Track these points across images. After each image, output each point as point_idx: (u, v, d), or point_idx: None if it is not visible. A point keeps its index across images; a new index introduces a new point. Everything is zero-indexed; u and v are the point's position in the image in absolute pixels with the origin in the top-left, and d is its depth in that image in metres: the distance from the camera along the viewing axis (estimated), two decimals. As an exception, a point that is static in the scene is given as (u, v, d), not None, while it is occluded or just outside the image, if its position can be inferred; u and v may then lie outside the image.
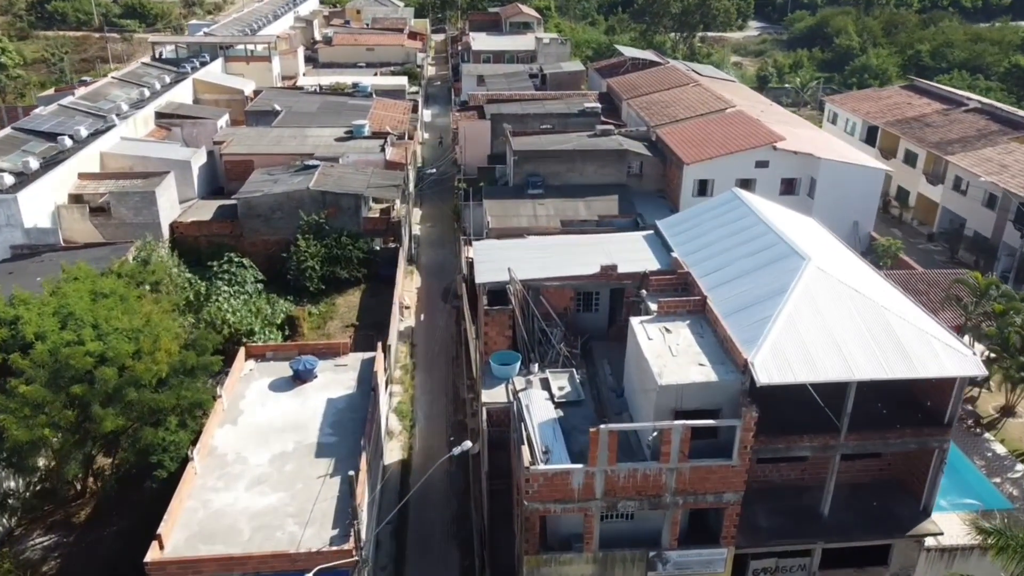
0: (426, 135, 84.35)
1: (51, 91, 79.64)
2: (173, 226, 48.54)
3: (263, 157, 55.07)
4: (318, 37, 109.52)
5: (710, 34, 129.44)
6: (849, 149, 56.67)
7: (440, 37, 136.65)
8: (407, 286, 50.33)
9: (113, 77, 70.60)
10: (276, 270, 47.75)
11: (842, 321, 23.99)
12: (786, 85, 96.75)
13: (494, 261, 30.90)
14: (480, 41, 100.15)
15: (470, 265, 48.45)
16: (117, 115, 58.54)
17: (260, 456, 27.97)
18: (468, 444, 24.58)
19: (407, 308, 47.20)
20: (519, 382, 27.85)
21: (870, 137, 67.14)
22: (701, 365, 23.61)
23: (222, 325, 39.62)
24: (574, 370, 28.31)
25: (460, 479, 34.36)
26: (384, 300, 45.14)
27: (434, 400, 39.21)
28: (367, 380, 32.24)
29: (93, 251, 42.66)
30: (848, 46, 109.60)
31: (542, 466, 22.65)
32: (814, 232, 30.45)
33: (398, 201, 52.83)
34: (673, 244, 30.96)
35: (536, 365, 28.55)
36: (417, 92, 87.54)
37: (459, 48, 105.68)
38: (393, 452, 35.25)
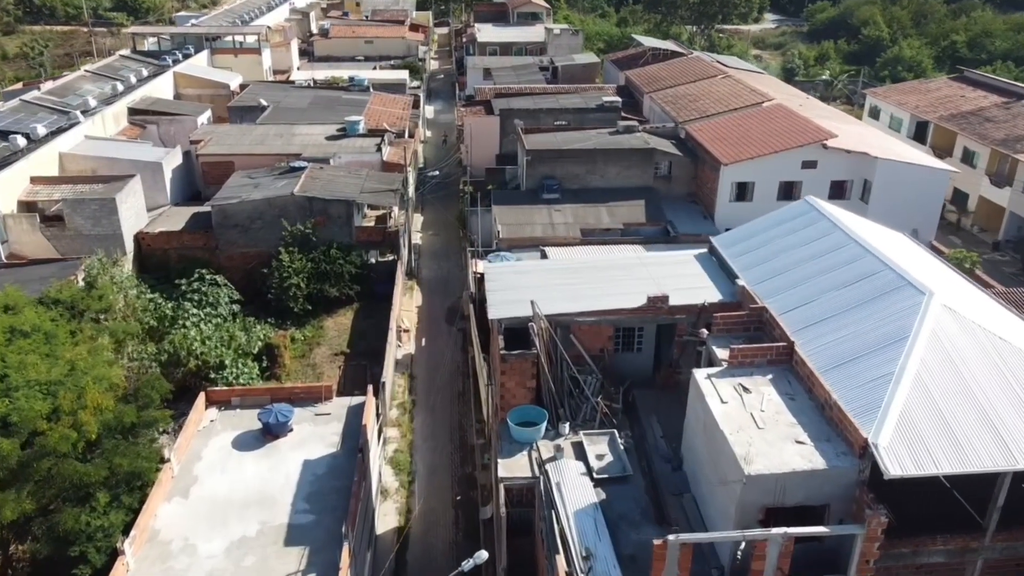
0: (428, 133, 78.32)
1: (18, 85, 73.44)
2: (138, 238, 42.41)
3: (245, 158, 48.92)
4: (314, 30, 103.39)
5: (725, 27, 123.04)
6: (906, 148, 50.31)
7: (444, 30, 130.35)
8: (406, 305, 44.18)
9: (86, 71, 64.55)
10: (256, 288, 41.64)
11: (988, 380, 17.76)
12: (821, 77, 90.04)
13: (511, 289, 24.71)
14: (486, 32, 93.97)
15: (479, 280, 42.36)
16: (83, 112, 52.44)
17: (214, 543, 21.82)
18: (483, 555, 18.38)
19: (406, 332, 41.06)
20: (546, 448, 21.66)
21: (919, 133, 60.74)
22: (800, 443, 17.38)
23: (187, 357, 33.53)
24: (615, 431, 22.11)
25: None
26: (380, 322, 39.01)
27: (437, 447, 33.04)
28: (354, 434, 26.08)
29: (39, 269, 36.55)
30: (877, 37, 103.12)
31: (586, 588, 16.46)
32: (913, 253, 24.17)
33: (396, 208, 46.66)
34: (736, 268, 24.71)
35: (567, 425, 22.36)
36: (419, 87, 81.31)
37: (464, 41, 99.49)
38: (387, 517, 29.08)
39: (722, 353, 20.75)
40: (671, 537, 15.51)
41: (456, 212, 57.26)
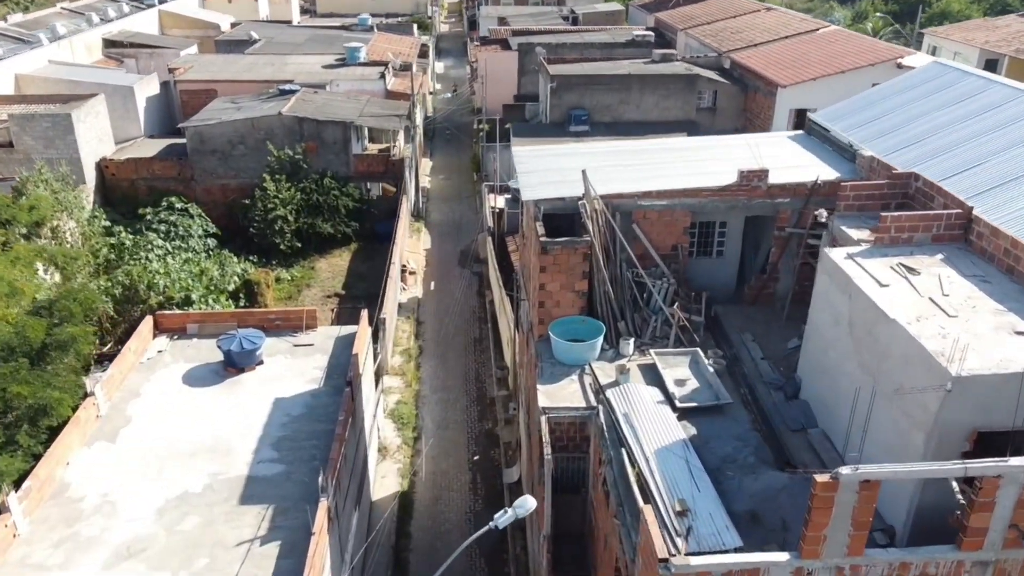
0: (438, 86, 72.17)
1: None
2: (101, 166, 36.37)
3: (230, 85, 42.85)
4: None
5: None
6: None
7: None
8: (412, 247, 38.03)
9: (62, 7, 58.58)
10: (237, 225, 35.62)
11: None
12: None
13: (551, 170, 18.49)
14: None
15: (497, 216, 36.19)
16: (51, 41, 46.44)
17: (143, 502, 15.72)
18: (529, 503, 12.19)
19: (412, 274, 34.90)
20: (603, 373, 15.48)
21: (988, 70, 54.06)
22: (1020, 334, 11.13)
23: (147, 291, 27.47)
24: (698, 351, 15.90)
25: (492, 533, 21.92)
26: (380, 265, 32.79)
27: (450, 400, 26.84)
28: (342, 369, 19.96)
29: (-27, 189, 30.56)
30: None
31: (695, 559, 10.15)
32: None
33: (401, 136, 40.51)
34: (857, 141, 18.38)
35: (631, 342, 16.16)
36: (428, 39, 75.15)
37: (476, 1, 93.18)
38: (387, 480, 22.92)
39: (859, 234, 14.49)
40: (845, 470, 9.29)
41: (470, 155, 51.13)
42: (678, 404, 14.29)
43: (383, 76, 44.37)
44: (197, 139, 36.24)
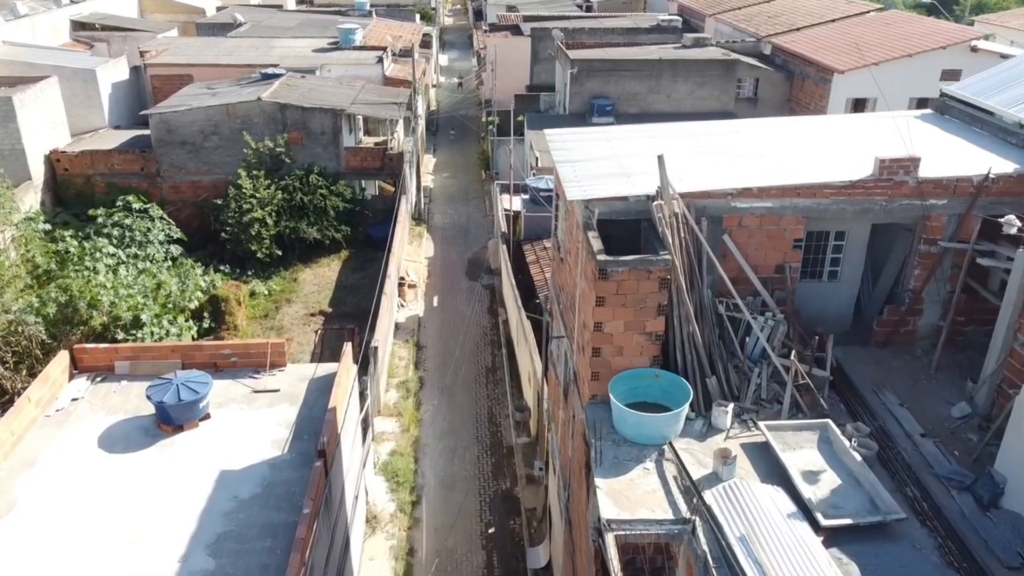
0: (442, 78, 67.24)
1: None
2: (51, 159, 31.30)
3: (207, 70, 37.75)
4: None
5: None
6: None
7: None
8: (412, 255, 32.86)
9: (31, -11, 53.46)
10: (210, 229, 30.58)
11: None
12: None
13: (603, 159, 13.35)
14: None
15: (512, 219, 31.07)
16: (7, 19, 41.40)
17: (8, 643, 10.60)
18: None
19: (411, 287, 29.73)
20: (693, 455, 10.33)
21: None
22: None
23: (88, 311, 22.40)
24: (830, 423, 10.76)
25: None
26: (375, 275, 27.63)
27: (456, 449, 21.62)
28: (315, 424, 14.81)
29: None
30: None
31: None
32: None
33: (401, 127, 35.44)
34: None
35: (728, 409, 11.02)
36: (431, 33, 70.12)
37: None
38: (376, 563, 17.71)
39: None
40: None
41: (477, 150, 46.01)
42: (823, 521, 9.14)
43: (381, 61, 39.28)
44: (163, 128, 31.15)
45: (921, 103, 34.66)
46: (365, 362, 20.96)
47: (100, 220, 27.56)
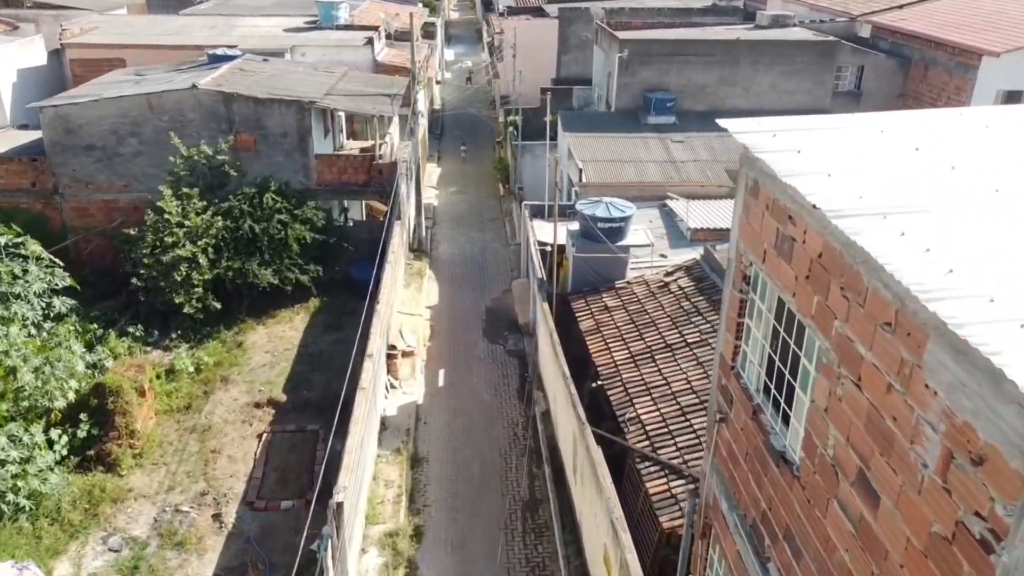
0: (448, 75, 58.53)
1: None
2: (-93, 169, 22.43)
3: (144, 52, 28.91)
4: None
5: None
6: None
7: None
8: (409, 302, 23.71)
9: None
10: (122, 269, 21.61)
11: None
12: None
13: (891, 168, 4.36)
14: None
15: (547, 256, 22.08)
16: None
17: None
18: None
19: (407, 355, 20.58)
20: None
21: None
22: None
23: None
24: None
25: None
26: (353, 335, 18.18)
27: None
28: None
29: None
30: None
31: None
32: None
33: (395, 127, 26.51)
34: None
35: None
36: (435, 23, 61.40)
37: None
38: None
39: None
40: None
41: (492, 158, 37.03)
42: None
43: (371, 43, 30.37)
44: (61, 128, 22.23)
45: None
46: (333, 520, 12.02)
47: (-53, 261, 18.63)
